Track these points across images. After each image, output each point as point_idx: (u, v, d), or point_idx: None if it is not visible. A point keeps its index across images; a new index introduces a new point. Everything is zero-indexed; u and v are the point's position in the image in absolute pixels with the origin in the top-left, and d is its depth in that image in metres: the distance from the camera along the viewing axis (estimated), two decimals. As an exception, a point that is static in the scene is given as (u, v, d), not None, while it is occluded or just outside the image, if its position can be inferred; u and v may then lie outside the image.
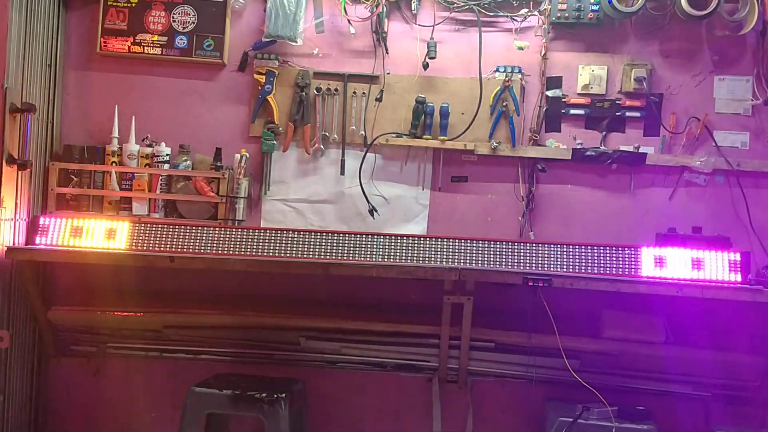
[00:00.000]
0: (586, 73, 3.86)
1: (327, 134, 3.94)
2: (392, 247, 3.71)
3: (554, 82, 3.87)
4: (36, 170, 3.77)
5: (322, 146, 3.95)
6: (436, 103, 3.85)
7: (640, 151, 3.81)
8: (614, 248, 3.61)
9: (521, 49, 3.85)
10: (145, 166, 3.90)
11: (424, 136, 3.87)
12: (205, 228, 3.76)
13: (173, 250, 3.70)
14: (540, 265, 3.62)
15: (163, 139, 3.93)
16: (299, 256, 3.70)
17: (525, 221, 3.86)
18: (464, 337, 3.55)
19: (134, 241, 3.71)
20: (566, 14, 3.79)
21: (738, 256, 3.51)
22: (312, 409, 3.80)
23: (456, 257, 3.67)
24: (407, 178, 3.94)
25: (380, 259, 3.69)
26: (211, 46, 3.94)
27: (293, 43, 3.87)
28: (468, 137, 3.85)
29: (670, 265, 3.51)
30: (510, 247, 3.67)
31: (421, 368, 3.73)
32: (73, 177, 3.90)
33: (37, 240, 3.70)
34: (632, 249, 3.59)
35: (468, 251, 3.68)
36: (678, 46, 3.84)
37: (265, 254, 3.71)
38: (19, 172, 3.59)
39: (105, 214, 3.87)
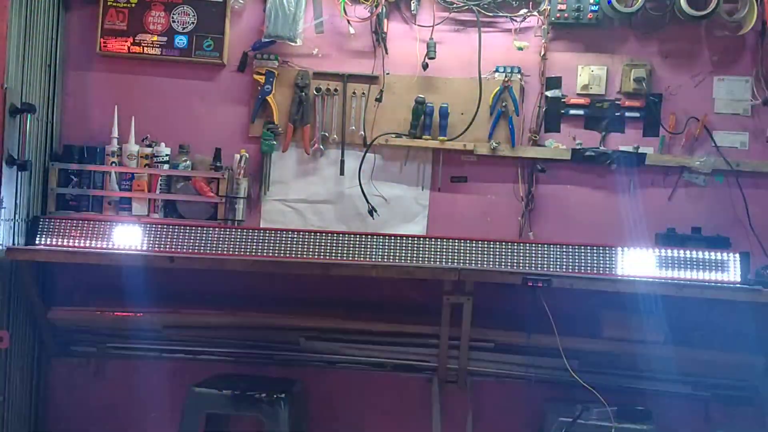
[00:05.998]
0: (586, 74, 3.86)
1: (327, 134, 3.94)
2: (392, 247, 3.71)
3: (554, 83, 3.88)
4: (36, 170, 3.76)
5: (321, 146, 3.95)
6: (435, 103, 3.85)
7: (639, 151, 3.81)
8: (614, 248, 3.62)
9: (521, 49, 3.85)
10: (144, 166, 3.90)
11: (424, 137, 3.87)
12: (205, 228, 3.76)
13: (173, 250, 3.71)
14: (539, 266, 3.63)
15: (163, 139, 3.93)
16: (299, 256, 3.71)
17: (524, 221, 3.86)
18: (464, 337, 3.55)
19: (134, 241, 3.71)
20: (566, 14, 3.79)
21: (737, 256, 3.52)
22: (312, 409, 3.80)
23: (456, 257, 3.68)
24: (407, 178, 3.94)
25: (380, 259, 3.70)
26: (211, 47, 3.94)
27: (293, 44, 3.87)
28: (467, 137, 3.85)
29: (670, 265, 3.53)
30: (509, 247, 3.68)
31: (421, 368, 3.72)
32: (73, 177, 3.90)
33: (37, 240, 3.70)
34: (632, 249, 3.60)
35: (468, 251, 3.68)
36: (677, 46, 3.84)
37: (265, 254, 3.71)
38: (19, 173, 3.59)
39: (105, 215, 3.88)
